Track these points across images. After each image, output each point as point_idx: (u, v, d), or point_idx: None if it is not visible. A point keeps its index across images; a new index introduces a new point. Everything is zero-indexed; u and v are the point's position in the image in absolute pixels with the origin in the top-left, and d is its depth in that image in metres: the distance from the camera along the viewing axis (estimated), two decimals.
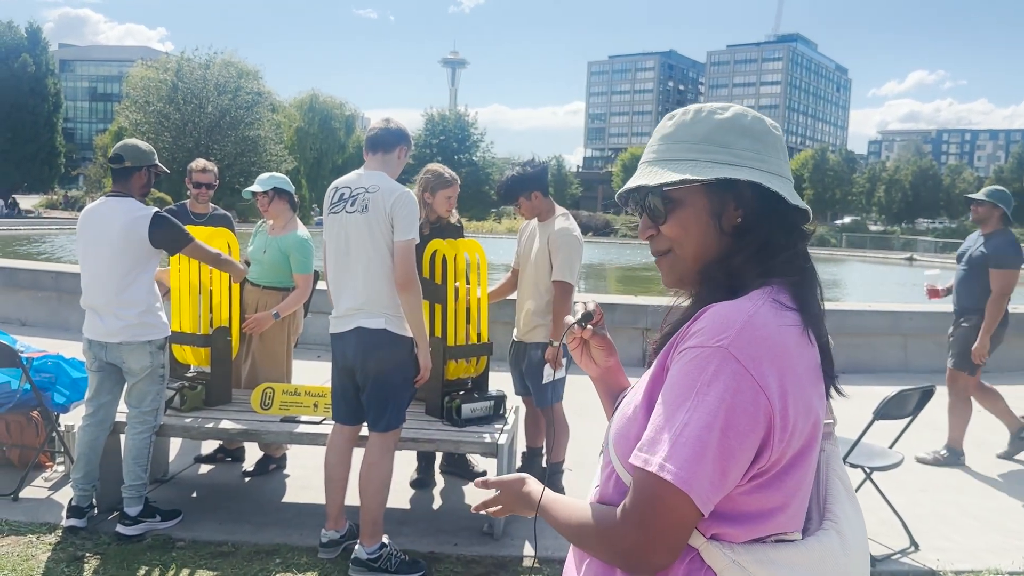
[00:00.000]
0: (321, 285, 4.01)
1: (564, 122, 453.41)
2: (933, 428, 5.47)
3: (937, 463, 5.30)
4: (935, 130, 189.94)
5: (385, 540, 3.48)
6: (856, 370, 7.91)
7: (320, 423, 4.02)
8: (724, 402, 1.04)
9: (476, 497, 4.41)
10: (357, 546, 3.47)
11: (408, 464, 4.55)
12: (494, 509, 1.37)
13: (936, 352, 8.30)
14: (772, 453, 1.08)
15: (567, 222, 4.17)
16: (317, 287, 4.61)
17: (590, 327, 1.44)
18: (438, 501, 4.41)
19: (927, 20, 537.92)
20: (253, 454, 4.79)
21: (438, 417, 4.10)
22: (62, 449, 4.49)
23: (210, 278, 4.29)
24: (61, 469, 4.51)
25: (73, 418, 4.49)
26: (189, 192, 5.12)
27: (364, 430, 3.59)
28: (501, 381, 4.51)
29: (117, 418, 3.96)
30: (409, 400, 3.58)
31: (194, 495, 4.36)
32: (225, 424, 4.04)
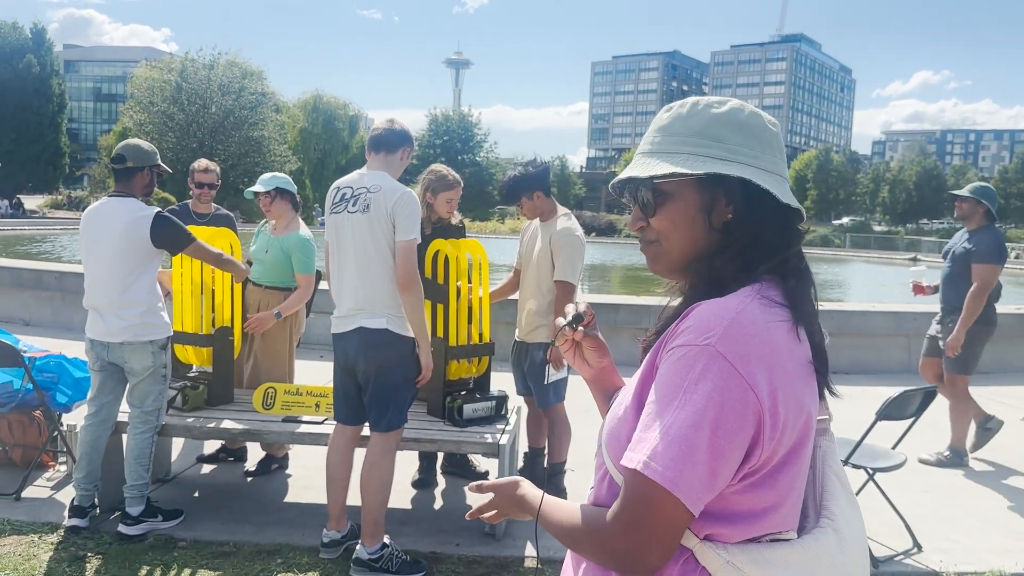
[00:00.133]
0: (323, 285, 4.02)
1: (568, 122, 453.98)
2: (936, 429, 5.45)
3: (940, 464, 5.28)
4: (939, 130, 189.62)
5: (386, 540, 3.48)
6: (859, 371, 7.88)
7: (322, 423, 4.01)
8: (712, 400, 1.02)
9: (477, 499, 4.42)
10: (358, 546, 3.47)
11: (410, 464, 4.55)
12: (489, 514, 1.35)
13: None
14: (763, 451, 1.06)
15: (569, 222, 4.16)
16: (319, 287, 4.61)
17: (581, 328, 1.42)
18: (439, 501, 4.40)
19: (932, 20, 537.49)
20: (255, 454, 4.79)
21: (440, 417, 4.10)
22: (64, 449, 4.49)
23: (212, 278, 4.29)
24: (63, 469, 4.52)
25: (75, 418, 4.49)
26: (191, 192, 5.13)
27: (366, 430, 3.59)
28: (503, 381, 4.51)
29: (119, 418, 3.96)
30: (411, 400, 3.58)
31: (196, 495, 4.36)
32: (227, 424, 4.04)
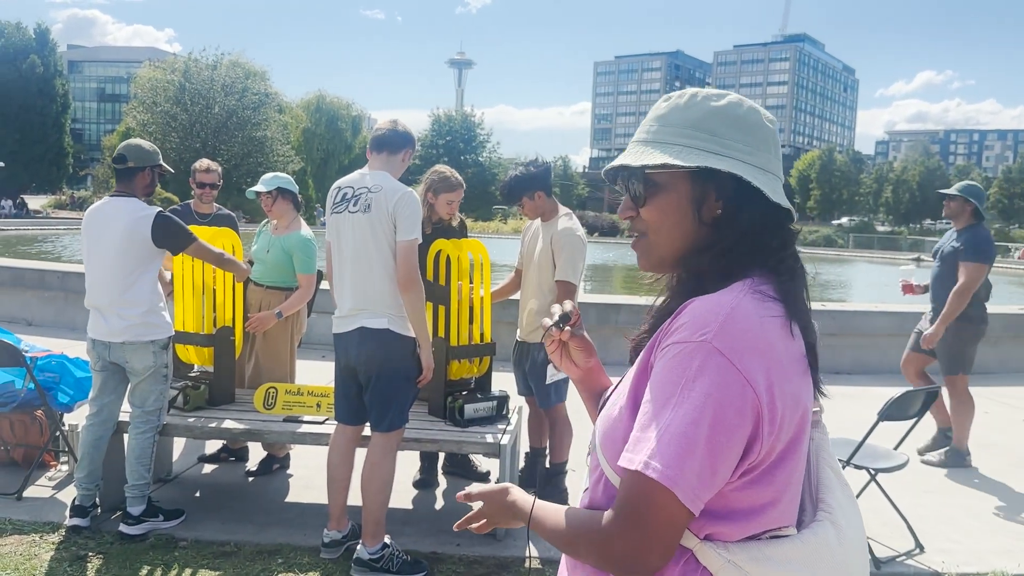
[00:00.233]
0: (324, 285, 4.01)
1: (570, 122, 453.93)
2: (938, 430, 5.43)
3: (943, 464, 5.27)
4: (943, 130, 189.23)
5: (387, 540, 3.48)
6: (862, 371, 7.87)
7: (323, 423, 4.01)
8: (710, 397, 1.01)
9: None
10: (359, 546, 3.47)
11: (411, 464, 4.55)
12: (477, 525, 1.31)
13: None
14: (762, 447, 1.05)
15: (570, 222, 4.16)
16: (320, 287, 4.61)
17: (568, 328, 1.41)
18: (441, 501, 4.40)
19: (935, 20, 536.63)
20: (257, 454, 4.79)
21: (441, 417, 4.10)
22: (66, 448, 4.50)
23: (213, 278, 4.29)
24: (65, 468, 4.52)
25: (77, 418, 4.49)
26: (193, 192, 5.13)
27: (367, 430, 3.59)
28: (504, 381, 4.51)
29: (120, 417, 3.96)
30: (412, 400, 3.58)
31: (197, 495, 4.36)
32: (228, 424, 4.04)
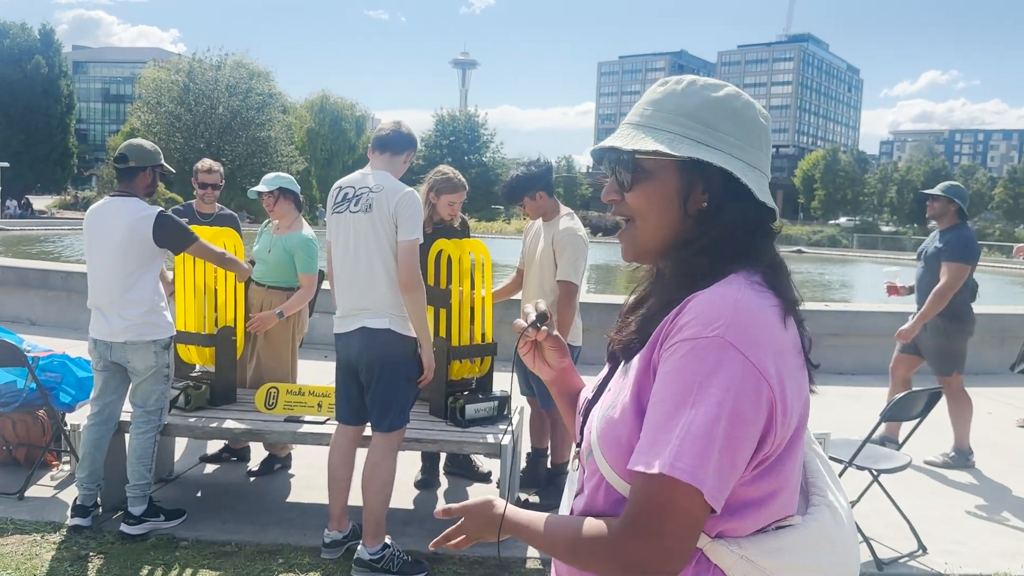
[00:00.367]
0: (325, 285, 4.01)
1: (574, 123, 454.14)
2: (942, 430, 5.41)
3: (946, 465, 5.25)
4: (947, 130, 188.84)
5: (388, 541, 3.48)
6: (866, 371, 7.84)
7: (324, 423, 4.01)
8: (729, 392, 1.00)
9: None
10: (360, 546, 3.47)
11: (413, 464, 4.54)
12: (455, 541, 1.26)
13: None
14: (775, 438, 1.05)
15: (572, 222, 4.15)
16: (321, 287, 4.61)
17: (545, 327, 1.38)
18: (442, 502, 4.40)
19: (940, 20, 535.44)
20: (258, 454, 4.79)
21: (442, 417, 4.09)
22: (68, 448, 4.50)
23: (215, 278, 4.29)
24: (67, 468, 4.53)
25: (79, 417, 4.49)
26: (195, 192, 5.14)
27: (368, 430, 3.58)
28: (505, 381, 4.49)
29: (122, 417, 3.96)
30: (413, 400, 3.57)
31: (198, 494, 4.36)
32: (229, 424, 4.03)
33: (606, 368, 1.30)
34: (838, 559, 1.14)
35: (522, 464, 4.50)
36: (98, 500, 3.88)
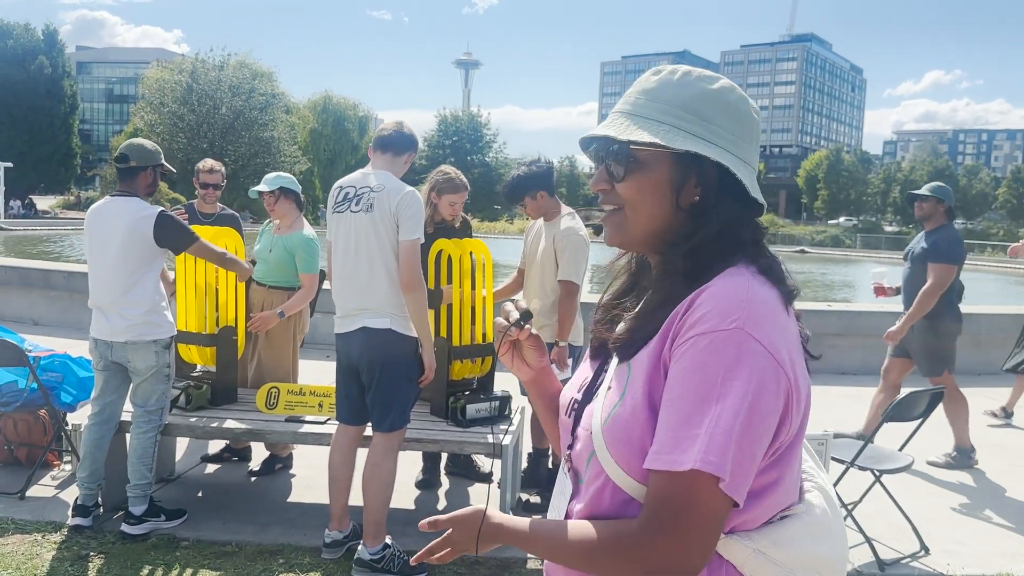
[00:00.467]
0: (327, 285, 4.00)
1: (577, 123, 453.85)
2: (944, 430, 5.39)
3: (948, 466, 5.23)
4: (951, 130, 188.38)
5: (388, 541, 3.47)
6: (868, 371, 7.80)
7: (325, 423, 4.01)
8: (751, 384, 0.99)
9: (480, 500, 4.40)
10: (360, 547, 3.46)
11: (414, 464, 4.54)
12: (440, 555, 1.21)
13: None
14: (790, 428, 1.05)
15: (573, 221, 4.14)
16: (323, 286, 4.61)
17: (528, 326, 1.34)
18: (443, 502, 4.39)
19: (944, 20, 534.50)
20: (259, 453, 4.79)
21: (443, 417, 4.09)
22: (69, 448, 4.50)
23: (216, 277, 4.29)
24: (69, 468, 4.53)
25: (80, 417, 4.49)
26: (197, 192, 5.14)
27: (368, 430, 3.58)
28: (507, 381, 4.48)
29: (123, 417, 3.96)
30: (414, 400, 3.57)
31: (199, 494, 4.36)
32: (230, 424, 4.03)
33: (587, 364, 1.27)
34: (836, 543, 1.16)
35: (523, 464, 4.49)
36: (99, 500, 3.88)
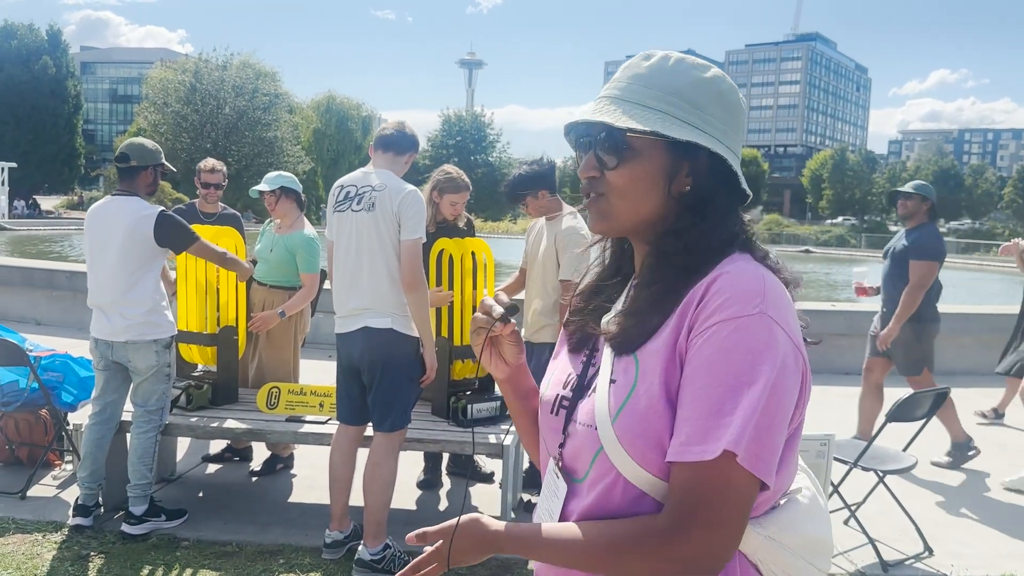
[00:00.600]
0: (328, 284, 3.99)
1: None
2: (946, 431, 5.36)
3: (951, 465, 5.20)
4: (957, 129, 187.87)
5: (389, 541, 3.46)
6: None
7: (325, 423, 4.00)
8: (775, 368, 0.99)
9: (482, 500, 4.38)
10: (360, 547, 3.45)
11: (415, 465, 4.52)
12: (427, 570, 1.13)
13: (955, 354, 8.17)
14: (801, 411, 1.05)
15: (575, 221, 4.12)
16: (324, 286, 4.60)
17: (513, 322, 1.26)
18: (444, 502, 4.38)
19: (949, 18, 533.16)
20: (261, 453, 4.78)
21: (444, 417, 4.07)
22: (70, 448, 4.50)
23: (217, 277, 4.28)
24: (70, 468, 4.53)
25: (81, 417, 4.48)
26: (198, 192, 5.14)
27: (369, 430, 3.57)
28: None
29: (123, 417, 3.96)
30: (415, 400, 3.55)
31: (200, 494, 4.36)
32: (231, 423, 4.02)
33: (567, 359, 1.24)
34: (826, 522, 1.17)
35: (524, 464, 4.48)
36: (100, 500, 3.88)
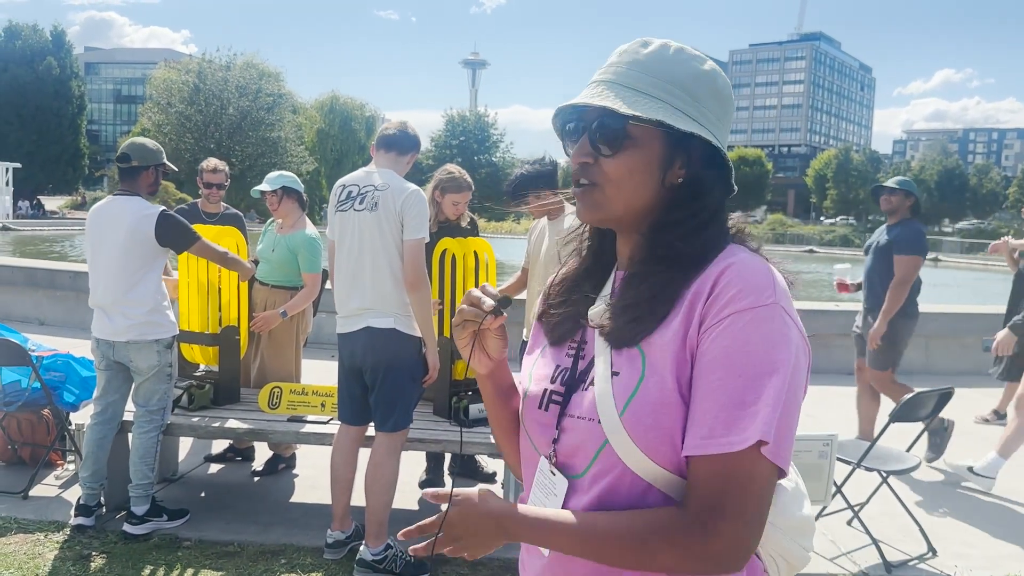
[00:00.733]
0: (329, 284, 3.99)
1: None
2: (954, 431, 5.34)
3: (940, 458, 5.14)
4: (961, 129, 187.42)
5: (390, 541, 3.45)
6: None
7: (327, 423, 3.99)
8: (792, 357, 1.00)
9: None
10: (362, 547, 3.44)
11: (417, 465, 4.52)
12: (452, 547, 1.11)
13: (960, 354, 8.16)
14: (805, 396, 1.07)
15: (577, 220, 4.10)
16: (325, 286, 4.59)
17: (505, 314, 1.19)
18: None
19: (954, 18, 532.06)
20: (263, 453, 4.78)
21: (446, 417, 4.07)
22: (73, 448, 4.50)
23: (219, 277, 4.28)
24: (72, 468, 4.52)
25: (83, 417, 4.48)
26: (201, 192, 5.14)
27: (371, 430, 3.56)
28: None
29: (125, 417, 3.95)
30: (416, 400, 3.55)
31: (202, 494, 4.35)
32: (232, 423, 4.02)
33: (550, 352, 1.22)
34: (807, 503, 1.18)
35: None
36: (101, 500, 3.88)
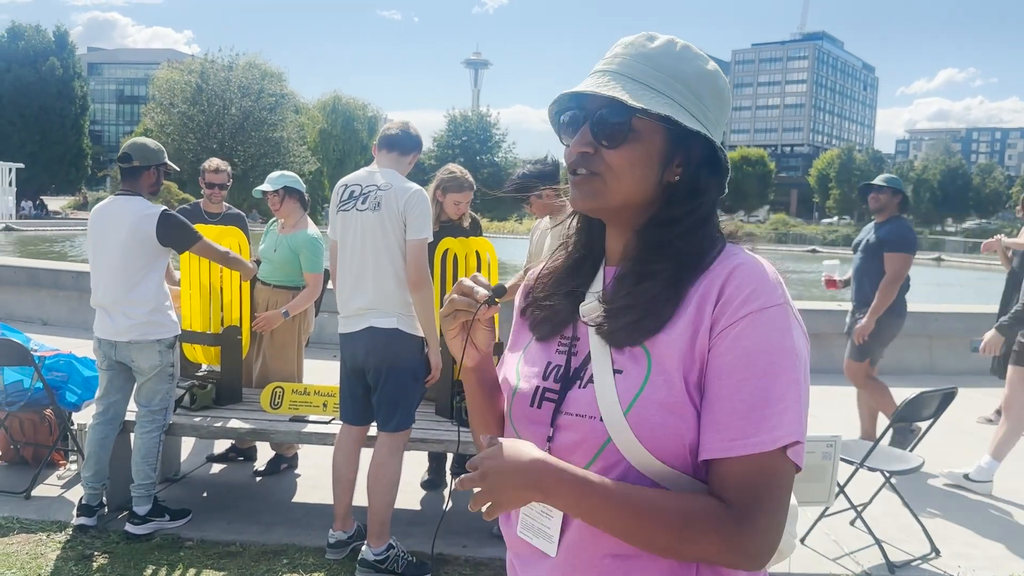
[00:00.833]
0: (331, 284, 3.99)
1: None
2: (953, 431, 5.33)
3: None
4: (964, 129, 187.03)
5: (392, 541, 3.45)
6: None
7: (329, 423, 3.99)
8: (802, 356, 1.03)
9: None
10: (364, 547, 3.44)
11: (419, 465, 4.52)
12: (481, 502, 1.03)
13: (963, 353, 8.12)
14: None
15: None
16: (328, 286, 4.59)
17: (499, 304, 1.16)
18: (448, 503, 4.36)
19: (957, 17, 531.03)
20: (265, 453, 4.78)
21: (448, 417, 4.06)
22: (75, 447, 4.50)
23: (220, 277, 4.28)
24: (74, 467, 4.53)
25: (86, 417, 4.48)
26: (203, 192, 5.14)
27: (373, 430, 3.56)
28: None
29: (127, 417, 3.95)
30: (419, 400, 3.54)
31: (204, 494, 4.35)
32: (235, 423, 4.02)
33: (537, 348, 1.20)
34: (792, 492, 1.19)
35: None
36: (103, 499, 3.88)
